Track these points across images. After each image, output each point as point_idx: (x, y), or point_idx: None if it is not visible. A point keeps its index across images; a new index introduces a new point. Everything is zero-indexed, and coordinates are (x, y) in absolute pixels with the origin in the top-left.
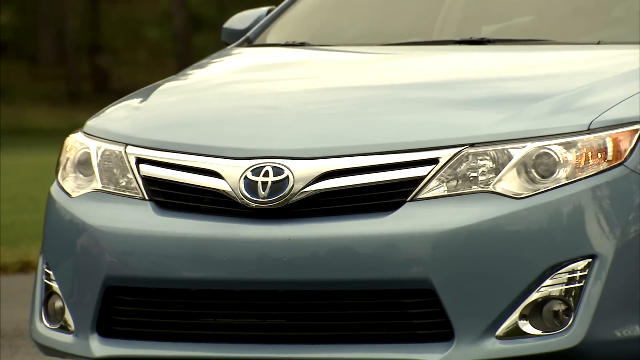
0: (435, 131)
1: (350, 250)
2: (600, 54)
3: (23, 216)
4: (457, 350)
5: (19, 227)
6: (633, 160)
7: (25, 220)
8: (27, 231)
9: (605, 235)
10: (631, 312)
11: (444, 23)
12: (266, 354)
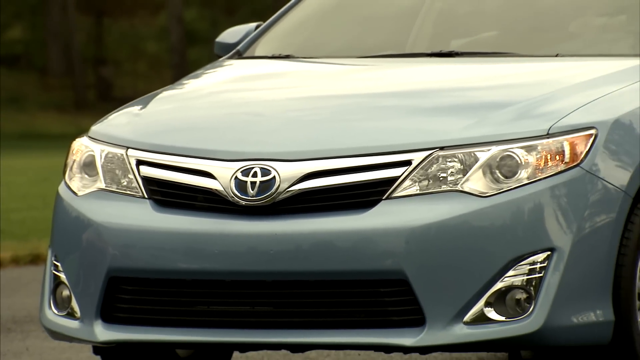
0: (408, 136)
1: (331, 244)
2: (558, 66)
3: (33, 213)
4: (428, 334)
5: (29, 222)
6: (588, 162)
7: (35, 216)
8: (37, 226)
9: (563, 231)
10: (586, 301)
11: (416, 37)
12: (255, 339)
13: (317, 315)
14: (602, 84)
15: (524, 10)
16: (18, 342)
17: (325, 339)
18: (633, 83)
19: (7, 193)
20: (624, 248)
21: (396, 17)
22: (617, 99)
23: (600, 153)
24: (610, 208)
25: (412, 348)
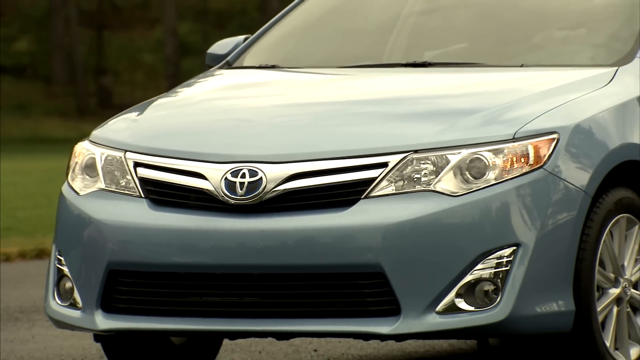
0: (384, 140)
1: (313, 239)
2: (523, 75)
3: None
4: (403, 323)
5: (35, 220)
6: (551, 164)
7: (40, 214)
8: (42, 223)
9: (528, 227)
10: (549, 292)
11: (392, 49)
12: (243, 327)
13: (300, 305)
14: (563, 92)
15: (492, 24)
16: (24, 331)
17: (308, 328)
18: (592, 91)
19: (15, 193)
20: (583, 243)
21: (373, 31)
22: (578, 106)
23: (562, 156)
24: (571, 206)
25: (388, 336)
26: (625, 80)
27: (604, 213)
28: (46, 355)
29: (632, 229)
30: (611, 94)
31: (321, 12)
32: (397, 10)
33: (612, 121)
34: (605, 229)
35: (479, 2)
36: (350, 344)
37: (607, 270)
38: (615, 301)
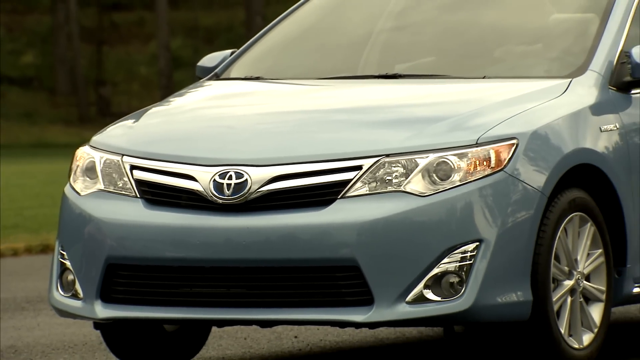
0: (358, 145)
1: (294, 235)
2: (485, 86)
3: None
4: (376, 312)
5: (40, 218)
6: (510, 167)
7: (45, 212)
8: (47, 221)
9: (489, 225)
10: (509, 283)
11: (366, 62)
12: (230, 316)
13: (282, 296)
14: (522, 101)
15: (456, 39)
16: (30, 319)
17: (289, 316)
18: (548, 100)
19: (21, 193)
20: (540, 239)
21: (349, 46)
22: (535, 114)
23: (521, 159)
24: (529, 205)
25: (362, 324)
26: (578, 90)
27: (559, 212)
28: (50, 341)
29: (585, 226)
30: (565, 103)
31: (301, 29)
32: (370, 27)
33: (567, 128)
34: (560, 226)
35: (445, 19)
36: (327, 331)
37: (561, 263)
38: (569, 292)
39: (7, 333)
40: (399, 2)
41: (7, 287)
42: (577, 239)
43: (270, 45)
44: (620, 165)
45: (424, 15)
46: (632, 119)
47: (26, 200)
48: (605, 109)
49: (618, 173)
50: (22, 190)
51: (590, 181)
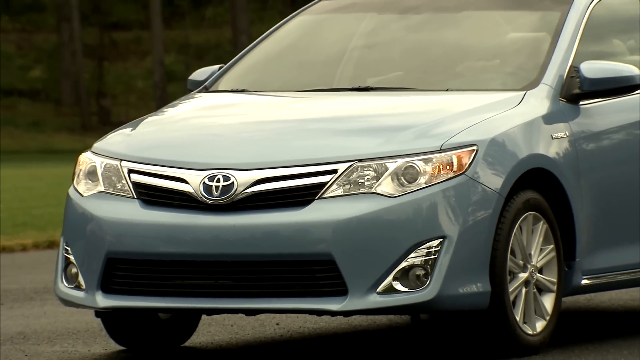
0: (334, 151)
1: (276, 232)
2: (448, 98)
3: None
4: (349, 302)
5: (47, 217)
6: (471, 171)
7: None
8: (53, 220)
9: (452, 223)
10: (470, 276)
11: (340, 76)
12: (218, 305)
13: (265, 287)
14: (481, 111)
15: (422, 56)
16: (38, 308)
17: (271, 305)
18: (505, 111)
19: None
20: (498, 236)
21: (325, 61)
22: (493, 123)
23: (480, 164)
24: (487, 205)
25: (337, 312)
26: (531, 102)
27: (514, 211)
28: (56, 328)
29: (538, 224)
30: (520, 113)
31: (282, 46)
32: (344, 45)
33: (521, 135)
34: (516, 224)
35: (411, 38)
36: (306, 319)
37: (517, 258)
38: (524, 283)
39: (17, 320)
40: (370, 23)
41: (16, 279)
42: (531, 236)
43: (254, 61)
44: (570, 170)
45: (392, 35)
46: (580, 128)
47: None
48: (556, 118)
49: (568, 176)
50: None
51: (543, 184)
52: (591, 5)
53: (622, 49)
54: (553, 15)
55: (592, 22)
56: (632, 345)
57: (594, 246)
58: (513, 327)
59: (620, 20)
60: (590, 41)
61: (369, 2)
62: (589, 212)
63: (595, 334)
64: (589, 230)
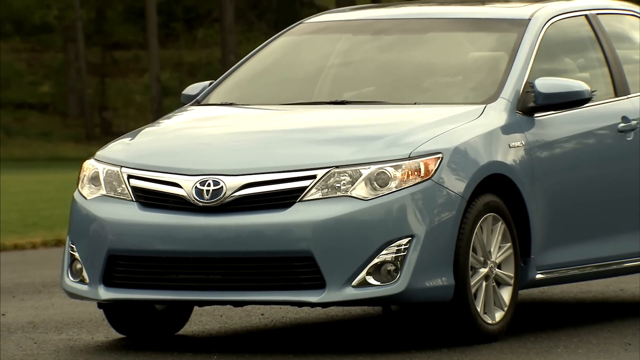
0: (313, 158)
1: (261, 232)
2: (416, 110)
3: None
4: (327, 294)
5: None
6: (437, 176)
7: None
8: (60, 220)
9: (419, 223)
10: (435, 271)
11: (319, 91)
12: (209, 297)
13: (251, 281)
14: (446, 123)
15: (393, 73)
16: (46, 300)
17: (257, 298)
18: (467, 122)
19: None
20: (460, 235)
21: (305, 78)
22: (456, 133)
23: (445, 170)
24: (451, 207)
25: (316, 304)
26: (491, 114)
27: (475, 212)
28: (62, 318)
29: (497, 224)
30: (481, 124)
31: (266, 64)
32: (322, 63)
33: (482, 144)
34: (477, 224)
35: (383, 57)
36: (288, 310)
37: (478, 254)
38: (484, 278)
39: (27, 311)
40: (345, 44)
41: (26, 274)
42: (491, 235)
43: (241, 77)
44: (525, 175)
45: (365, 54)
46: (535, 138)
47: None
48: (513, 129)
49: (523, 181)
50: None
51: (501, 188)
52: (544, 28)
53: (572, 66)
54: (510, 37)
55: (545, 43)
56: (581, 334)
57: (547, 244)
58: (474, 317)
59: (571, 41)
60: (543, 59)
61: (344, 24)
62: (542, 214)
63: (548, 323)
64: (542, 230)
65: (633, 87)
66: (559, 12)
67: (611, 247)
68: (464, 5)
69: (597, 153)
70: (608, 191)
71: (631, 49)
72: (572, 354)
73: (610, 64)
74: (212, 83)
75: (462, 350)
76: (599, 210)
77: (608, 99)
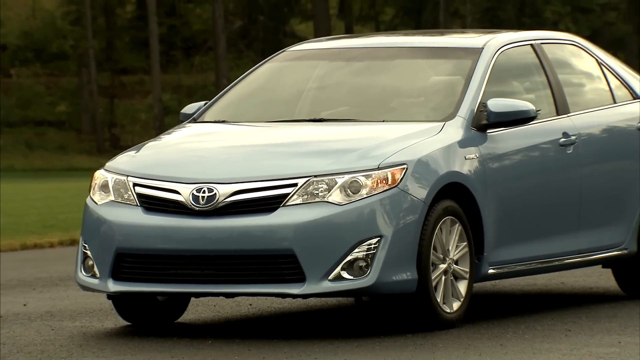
0: (295, 169)
1: (249, 233)
2: (384, 127)
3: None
4: (307, 287)
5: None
6: (402, 184)
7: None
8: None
9: (387, 225)
10: (401, 266)
11: (300, 110)
12: (204, 289)
13: (240, 275)
14: (410, 138)
15: (364, 94)
16: (62, 292)
17: (245, 290)
18: (428, 137)
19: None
20: (423, 235)
21: (288, 99)
22: (419, 147)
23: (410, 179)
24: (415, 211)
25: (297, 295)
26: (449, 130)
27: (436, 216)
28: (76, 307)
29: (454, 226)
30: (440, 139)
31: (254, 87)
32: (302, 86)
33: (441, 157)
34: (437, 226)
35: (355, 81)
36: (273, 300)
37: (438, 252)
38: (443, 272)
39: (45, 302)
40: (322, 70)
41: (45, 269)
42: (449, 235)
43: (232, 98)
44: (479, 183)
45: (339, 78)
46: (487, 151)
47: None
48: (469, 143)
49: (477, 188)
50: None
51: (458, 194)
52: (495, 55)
53: (519, 89)
54: (465, 63)
55: (496, 68)
56: (527, 321)
57: (498, 243)
58: (435, 307)
59: (518, 67)
60: (494, 83)
61: (321, 52)
62: (494, 217)
63: (499, 312)
64: (494, 231)
65: (573, 107)
66: (508, 42)
67: (553, 246)
68: (425, 35)
69: (541, 164)
70: (551, 197)
71: (571, 74)
72: (519, 339)
73: (552, 86)
74: (206, 103)
75: (424, 335)
76: (543, 213)
77: (551, 117)
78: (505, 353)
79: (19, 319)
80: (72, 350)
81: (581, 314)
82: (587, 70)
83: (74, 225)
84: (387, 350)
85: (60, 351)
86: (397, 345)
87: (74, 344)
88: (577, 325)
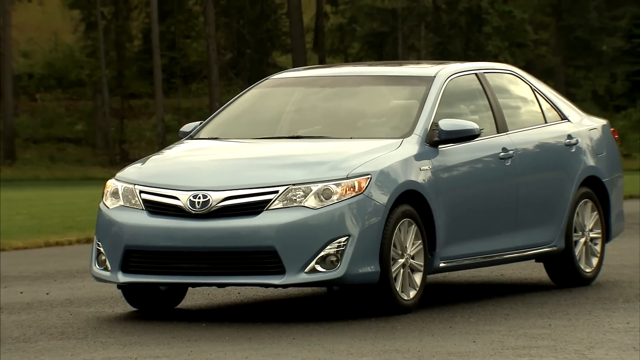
0: (275, 178)
1: (238, 232)
2: (352, 143)
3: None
4: (286, 278)
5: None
6: (367, 192)
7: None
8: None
9: (355, 225)
10: (366, 261)
11: (280, 128)
12: (199, 280)
13: (230, 268)
14: (373, 152)
15: (334, 116)
16: (79, 282)
17: (235, 280)
18: (389, 152)
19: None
20: (384, 234)
21: (270, 120)
22: (381, 160)
23: (373, 187)
24: (377, 214)
25: (278, 285)
26: (406, 146)
27: (395, 218)
28: (91, 295)
29: (411, 227)
30: (399, 153)
31: (241, 109)
32: (282, 109)
33: (400, 168)
34: (396, 226)
35: (327, 104)
36: (258, 290)
37: (397, 249)
38: (402, 266)
39: (65, 291)
40: (299, 95)
41: (65, 264)
42: (407, 234)
43: (224, 119)
44: (432, 190)
45: (314, 102)
46: (439, 163)
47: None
48: (423, 156)
49: (430, 195)
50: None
51: (414, 200)
52: (446, 82)
53: (466, 111)
54: (420, 89)
55: (446, 93)
56: (472, 307)
57: (448, 241)
58: (394, 295)
59: (465, 92)
60: (445, 106)
61: (298, 80)
62: (444, 219)
63: (449, 300)
64: (444, 231)
65: (510, 126)
66: (456, 71)
67: (495, 243)
68: (386, 66)
69: (484, 174)
70: (492, 202)
71: (509, 98)
72: (465, 322)
73: (493, 109)
74: (201, 123)
75: (386, 319)
76: (486, 216)
77: (492, 135)
78: (454, 334)
79: (42, 306)
80: (87, 331)
81: (517, 300)
82: (522, 95)
83: (89, 226)
84: (354, 332)
85: (77, 333)
86: (363, 328)
87: (89, 327)
88: (514, 311)
